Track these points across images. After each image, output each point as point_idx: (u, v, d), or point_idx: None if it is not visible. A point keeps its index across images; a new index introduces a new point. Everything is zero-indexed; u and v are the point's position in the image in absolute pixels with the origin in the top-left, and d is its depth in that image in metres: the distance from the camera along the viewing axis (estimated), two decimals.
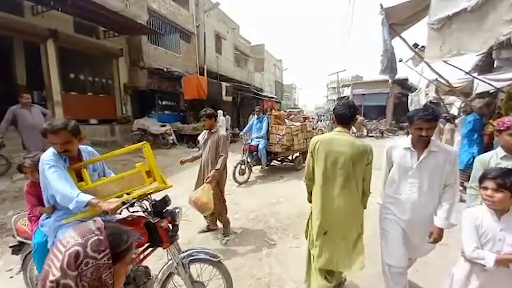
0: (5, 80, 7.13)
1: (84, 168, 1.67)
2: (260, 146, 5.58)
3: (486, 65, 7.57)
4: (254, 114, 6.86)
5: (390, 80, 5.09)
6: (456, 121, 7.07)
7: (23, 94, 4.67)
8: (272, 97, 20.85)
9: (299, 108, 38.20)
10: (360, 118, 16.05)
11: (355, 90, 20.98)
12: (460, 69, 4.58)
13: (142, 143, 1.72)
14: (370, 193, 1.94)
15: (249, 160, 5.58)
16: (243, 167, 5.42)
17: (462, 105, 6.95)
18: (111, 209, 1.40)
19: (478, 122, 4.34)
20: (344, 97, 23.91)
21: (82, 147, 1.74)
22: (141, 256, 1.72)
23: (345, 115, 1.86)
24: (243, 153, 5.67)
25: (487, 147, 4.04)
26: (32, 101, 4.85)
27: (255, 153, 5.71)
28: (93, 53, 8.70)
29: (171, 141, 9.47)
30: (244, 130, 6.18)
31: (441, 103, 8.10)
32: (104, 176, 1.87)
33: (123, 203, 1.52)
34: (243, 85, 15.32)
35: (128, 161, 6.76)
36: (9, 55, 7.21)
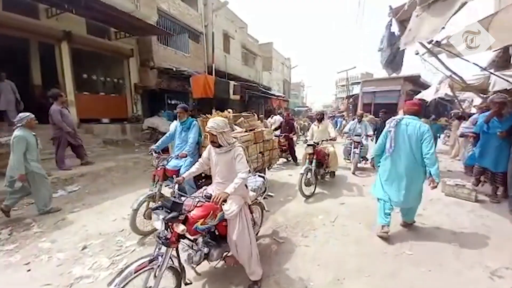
0: (21, 80, 7.40)
1: None
2: (182, 170, 3.29)
3: (503, 61, 7.27)
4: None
5: (391, 75, 5.14)
6: (470, 119, 6.83)
7: (62, 93, 5.20)
8: (280, 95, 20.67)
9: (307, 106, 37.87)
10: (370, 116, 15.76)
11: (365, 87, 20.56)
12: (476, 65, 4.41)
13: None
14: None
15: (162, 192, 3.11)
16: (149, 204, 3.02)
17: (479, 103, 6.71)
18: None
19: None
20: (353, 95, 23.52)
21: None
22: None
23: None
24: (154, 183, 3.19)
25: None
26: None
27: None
28: (105, 54, 8.92)
29: None
30: (159, 142, 3.65)
31: (456, 100, 7.86)
32: None
33: None
34: (251, 84, 15.32)
35: (139, 159, 6.91)
36: (25, 56, 7.48)
